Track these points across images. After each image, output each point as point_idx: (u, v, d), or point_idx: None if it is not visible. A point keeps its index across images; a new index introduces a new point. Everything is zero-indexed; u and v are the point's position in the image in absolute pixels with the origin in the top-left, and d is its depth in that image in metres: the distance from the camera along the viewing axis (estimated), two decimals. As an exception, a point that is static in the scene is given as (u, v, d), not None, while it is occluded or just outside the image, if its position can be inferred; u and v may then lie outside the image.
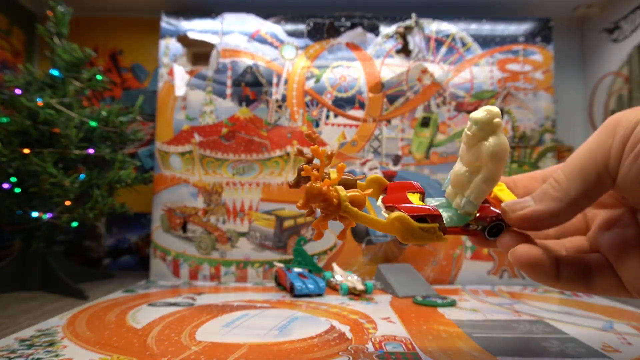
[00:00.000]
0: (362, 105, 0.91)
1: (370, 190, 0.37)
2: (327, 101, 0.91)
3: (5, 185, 0.72)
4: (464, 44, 0.93)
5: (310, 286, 0.70)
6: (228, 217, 0.89)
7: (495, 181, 0.33)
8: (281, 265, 0.81)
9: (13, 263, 0.74)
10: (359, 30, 0.93)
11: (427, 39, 0.93)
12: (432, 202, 0.37)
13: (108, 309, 0.61)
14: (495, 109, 0.32)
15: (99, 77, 0.81)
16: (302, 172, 0.34)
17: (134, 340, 0.46)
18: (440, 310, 0.62)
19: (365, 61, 0.92)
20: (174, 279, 0.87)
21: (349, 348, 0.44)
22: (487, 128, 0.32)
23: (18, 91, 0.73)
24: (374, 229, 0.34)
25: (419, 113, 0.91)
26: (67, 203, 0.74)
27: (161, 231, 0.89)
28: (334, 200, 0.33)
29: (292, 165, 0.89)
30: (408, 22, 0.92)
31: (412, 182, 0.38)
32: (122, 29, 1.05)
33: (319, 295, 0.71)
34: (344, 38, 0.93)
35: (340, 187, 0.34)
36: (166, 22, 0.93)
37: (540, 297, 0.73)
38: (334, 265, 0.82)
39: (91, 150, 0.77)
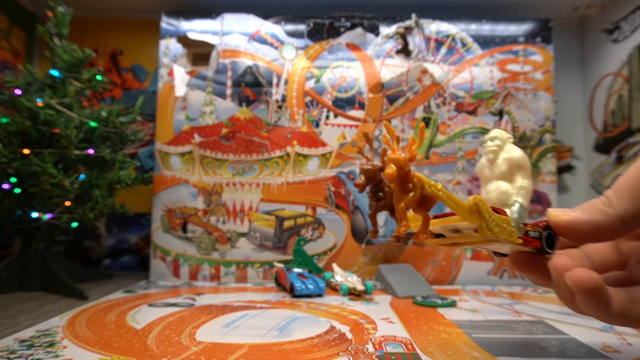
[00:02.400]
0: (362, 106, 0.91)
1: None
2: (327, 101, 0.91)
3: (6, 186, 0.72)
4: (463, 45, 0.93)
5: (310, 286, 0.70)
6: (228, 218, 0.89)
7: (531, 183, 0.36)
8: (281, 265, 0.81)
9: (13, 263, 0.74)
10: (359, 30, 0.93)
11: (427, 40, 0.93)
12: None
13: (108, 309, 0.61)
14: (499, 130, 0.38)
15: (99, 77, 0.81)
16: (383, 140, 0.33)
17: (134, 341, 0.46)
18: (440, 310, 0.62)
19: (365, 61, 0.92)
20: (174, 279, 0.87)
21: (349, 348, 0.44)
22: (504, 141, 0.37)
23: (18, 91, 0.73)
24: (457, 211, 0.32)
25: (419, 113, 0.91)
26: (67, 203, 0.74)
27: (161, 231, 0.89)
28: (415, 179, 0.32)
29: (292, 165, 0.89)
30: (408, 23, 0.92)
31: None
32: (122, 30, 1.05)
33: (319, 295, 0.71)
34: (344, 38, 0.93)
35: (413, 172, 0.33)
36: (166, 23, 0.93)
37: (540, 297, 0.73)
38: (334, 266, 0.82)
39: (91, 151, 0.77)
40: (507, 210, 0.35)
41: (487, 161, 0.38)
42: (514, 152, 0.36)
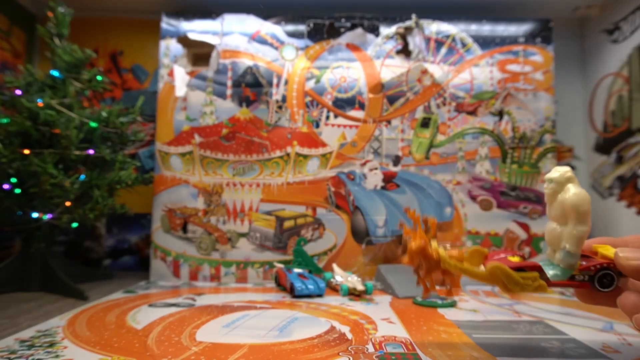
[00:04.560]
0: (362, 106, 0.91)
1: (460, 252, 0.41)
2: (327, 102, 0.91)
3: (6, 186, 0.72)
4: (464, 45, 0.93)
5: (311, 287, 0.70)
6: (228, 218, 0.89)
7: (586, 228, 0.35)
8: (281, 265, 0.81)
9: (13, 263, 0.74)
10: (359, 31, 0.93)
11: (427, 40, 0.93)
12: (544, 261, 0.39)
13: (108, 309, 0.61)
14: (565, 167, 0.37)
15: (99, 77, 0.81)
16: (404, 233, 0.42)
17: (134, 341, 0.46)
18: (440, 310, 0.62)
19: (365, 62, 0.92)
20: (174, 279, 0.87)
21: (349, 348, 0.44)
22: (562, 182, 0.36)
23: (18, 92, 0.73)
24: (476, 279, 0.38)
25: (419, 114, 0.91)
26: (68, 204, 0.74)
27: (161, 232, 0.89)
28: (434, 255, 0.39)
29: (292, 165, 0.89)
30: (408, 23, 0.92)
31: (512, 250, 0.42)
32: (123, 30, 1.05)
33: (319, 295, 0.71)
34: (344, 39, 0.93)
35: (435, 244, 0.40)
36: (166, 23, 0.93)
37: (540, 298, 0.73)
38: (334, 266, 0.82)
39: (91, 151, 0.77)
40: (557, 255, 0.37)
41: (546, 201, 0.38)
42: (570, 196, 0.35)
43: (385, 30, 0.93)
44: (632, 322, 0.32)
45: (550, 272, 0.37)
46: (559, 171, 0.36)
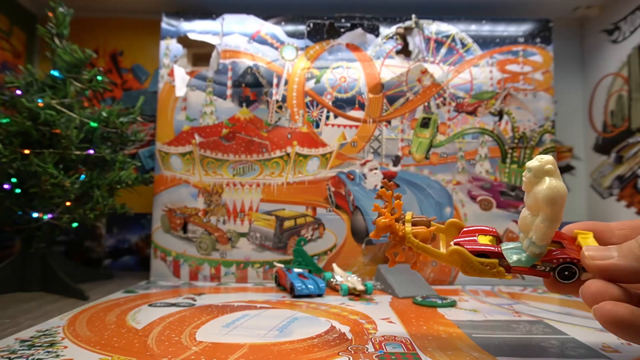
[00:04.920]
0: (362, 106, 0.91)
1: (434, 228, 0.43)
2: (327, 102, 0.91)
3: (6, 186, 0.72)
4: (463, 45, 0.93)
5: (311, 287, 0.70)
6: (228, 218, 0.89)
7: (555, 222, 0.35)
8: (281, 265, 0.81)
9: (13, 263, 0.74)
10: (359, 31, 0.93)
11: (427, 40, 0.93)
12: (508, 245, 0.40)
13: (108, 309, 0.61)
14: (547, 157, 0.36)
15: (99, 77, 0.81)
16: (373, 209, 0.43)
17: (134, 341, 0.46)
18: (440, 310, 0.62)
19: (365, 62, 0.92)
20: (174, 279, 0.87)
21: (349, 348, 0.44)
22: (539, 174, 0.35)
23: (19, 92, 0.73)
24: (437, 260, 0.41)
25: (419, 114, 0.91)
26: (68, 204, 0.74)
27: (161, 232, 0.89)
28: (400, 233, 0.41)
29: (292, 165, 0.89)
30: (408, 23, 0.93)
31: (487, 226, 0.43)
32: (123, 30, 1.05)
33: (319, 295, 0.71)
34: (344, 39, 0.93)
35: (407, 225, 0.42)
36: (166, 23, 0.93)
37: (540, 297, 0.73)
38: (334, 266, 0.82)
39: (92, 151, 0.77)
40: (525, 241, 0.37)
41: (524, 188, 0.38)
42: (543, 189, 0.35)
43: (385, 31, 0.93)
44: (592, 314, 0.31)
45: (513, 258, 0.38)
46: (539, 160, 0.36)
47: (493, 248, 0.39)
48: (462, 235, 0.42)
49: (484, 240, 0.40)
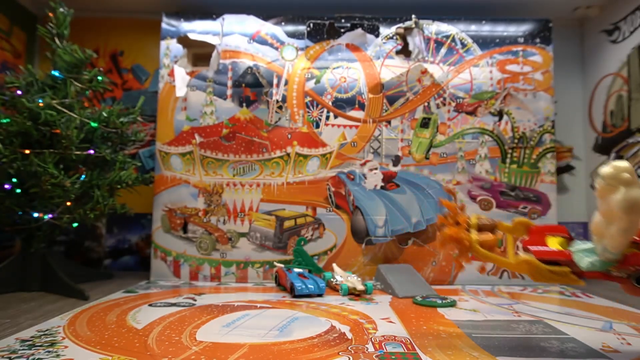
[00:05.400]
0: (362, 106, 0.91)
1: (501, 234, 0.43)
2: (327, 102, 0.91)
3: (7, 186, 0.72)
4: (463, 45, 0.93)
5: (311, 286, 0.70)
6: (228, 218, 0.89)
7: (631, 232, 0.35)
8: (281, 265, 0.81)
9: (14, 263, 0.74)
10: (359, 31, 0.93)
11: (427, 40, 0.93)
12: (581, 246, 0.39)
13: (109, 309, 0.61)
14: (623, 165, 0.35)
15: (99, 78, 0.81)
16: (438, 221, 0.45)
17: (134, 341, 0.46)
18: (440, 310, 0.62)
19: (365, 62, 0.92)
20: (174, 279, 0.87)
21: (349, 348, 0.44)
22: (613, 182, 0.35)
23: (19, 92, 0.73)
24: (505, 268, 0.43)
25: (419, 114, 0.91)
26: (68, 203, 0.74)
27: (162, 232, 0.89)
28: (466, 242, 0.41)
29: (292, 165, 0.89)
30: (408, 24, 0.93)
31: (556, 225, 0.43)
32: (123, 30, 1.05)
33: (319, 295, 0.71)
34: (344, 39, 0.93)
35: (473, 232, 0.42)
36: (167, 23, 0.93)
37: (540, 297, 0.73)
38: (334, 266, 0.82)
39: (92, 151, 0.77)
40: (599, 246, 0.37)
41: (596, 195, 0.37)
42: (620, 199, 0.34)
43: (385, 31, 0.93)
44: None
45: (587, 261, 0.37)
46: (614, 167, 0.35)
47: (563, 253, 0.38)
48: (531, 237, 0.42)
49: (553, 244, 0.40)
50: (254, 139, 0.90)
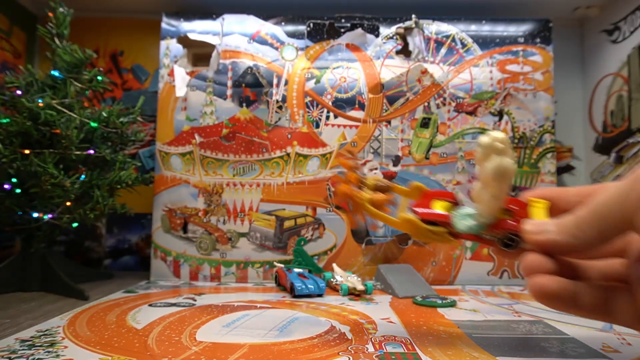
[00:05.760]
0: (362, 106, 0.91)
1: (389, 194, 0.46)
2: (327, 102, 0.91)
3: (6, 186, 0.72)
4: (463, 45, 0.93)
5: (311, 286, 0.70)
6: (228, 218, 0.89)
7: (499, 197, 0.36)
8: (281, 265, 0.81)
9: (13, 263, 0.74)
10: (359, 31, 0.93)
11: (427, 40, 0.93)
12: (465, 210, 0.41)
13: (108, 309, 0.61)
14: (498, 135, 0.36)
15: (99, 78, 0.81)
16: (332, 179, 0.45)
17: (134, 341, 0.46)
18: (440, 310, 0.62)
19: (365, 62, 0.92)
20: (174, 279, 0.87)
21: (349, 348, 0.44)
22: (487, 150, 0.36)
23: (19, 92, 0.73)
24: (390, 225, 0.43)
25: (419, 114, 0.91)
26: (68, 204, 0.74)
27: (162, 232, 0.89)
28: (357, 199, 0.45)
29: (292, 165, 0.89)
30: (408, 23, 0.93)
31: (447, 190, 0.45)
32: (123, 30, 1.05)
33: (319, 295, 0.71)
34: (344, 39, 0.93)
35: (367, 191, 0.45)
36: (167, 23, 0.93)
37: (540, 297, 0.73)
38: (334, 266, 0.82)
39: (92, 151, 0.77)
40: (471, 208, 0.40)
41: (476, 162, 0.40)
42: (490, 167, 0.35)
43: (386, 31, 0.93)
44: (528, 289, 0.33)
45: (463, 224, 0.39)
46: (490, 136, 0.35)
47: (443, 215, 0.40)
48: (420, 200, 0.44)
49: (437, 207, 0.42)
50: (254, 139, 0.90)
